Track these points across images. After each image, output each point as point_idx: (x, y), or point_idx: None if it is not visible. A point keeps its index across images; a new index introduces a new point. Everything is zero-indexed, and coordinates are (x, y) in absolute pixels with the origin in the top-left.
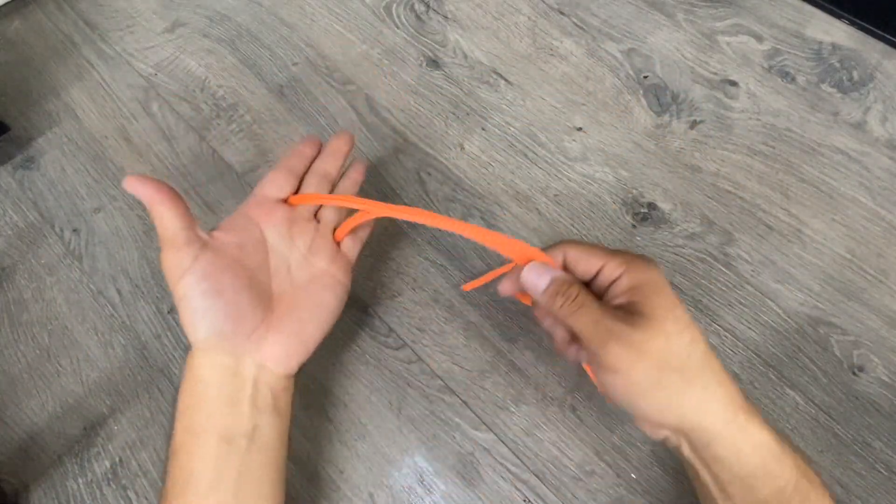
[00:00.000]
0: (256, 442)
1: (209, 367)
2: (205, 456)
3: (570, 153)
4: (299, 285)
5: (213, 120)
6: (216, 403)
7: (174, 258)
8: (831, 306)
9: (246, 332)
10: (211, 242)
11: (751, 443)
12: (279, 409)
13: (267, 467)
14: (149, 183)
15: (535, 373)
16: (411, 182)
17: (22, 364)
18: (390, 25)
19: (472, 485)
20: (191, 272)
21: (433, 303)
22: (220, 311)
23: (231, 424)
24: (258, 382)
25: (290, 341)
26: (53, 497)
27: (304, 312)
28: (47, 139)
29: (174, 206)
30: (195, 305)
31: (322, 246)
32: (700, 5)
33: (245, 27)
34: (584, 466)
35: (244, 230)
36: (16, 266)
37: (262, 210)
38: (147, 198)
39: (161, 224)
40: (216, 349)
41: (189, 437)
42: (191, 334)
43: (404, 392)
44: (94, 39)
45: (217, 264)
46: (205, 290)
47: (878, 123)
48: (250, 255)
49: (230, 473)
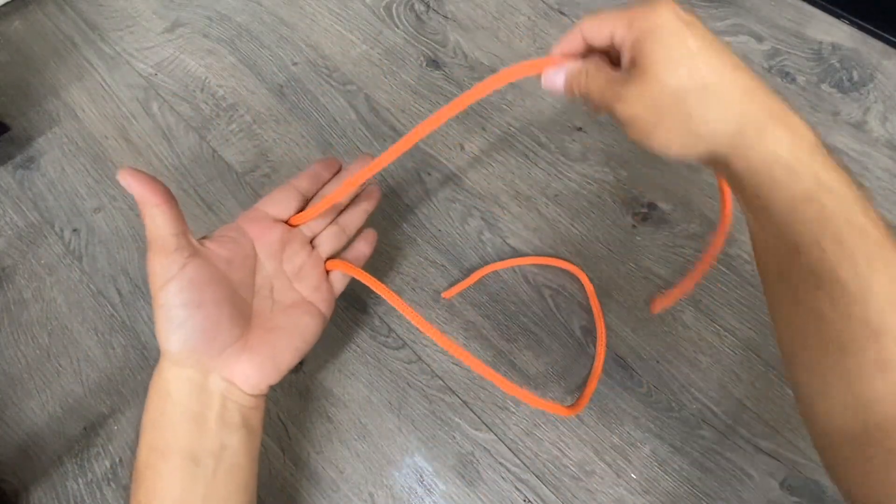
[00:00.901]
0: (224, 462)
1: (175, 380)
2: (171, 476)
3: (570, 153)
4: (280, 308)
5: (213, 120)
6: (182, 420)
7: (162, 262)
8: None
9: (219, 349)
10: (200, 251)
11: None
12: (249, 428)
13: (234, 488)
14: (144, 180)
15: (535, 373)
16: (411, 182)
17: (22, 364)
18: (390, 25)
19: (472, 485)
20: (176, 279)
21: (433, 303)
22: (198, 324)
23: (197, 442)
24: (226, 400)
25: (263, 363)
26: (53, 497)
27: (281, 335)
28: (47, 139)
29: (168, 209)
30: (173, 315)
31: (309, 273)
32: (700, 5)
33: (245, 27)
34: (584, 466)
35: (236, 244)
36: (16, 266)
37: (258, 226)
38: (140, 196)
39: (152, 226)
40: (185, 363)
41: (154, 455)
42: (163, 343)
43: (404, 392)
44: (94, 39)
45: (202, 276)
46: (185, 301)
47: (878, 123)
48: (237, 271)
49: (196, 494)
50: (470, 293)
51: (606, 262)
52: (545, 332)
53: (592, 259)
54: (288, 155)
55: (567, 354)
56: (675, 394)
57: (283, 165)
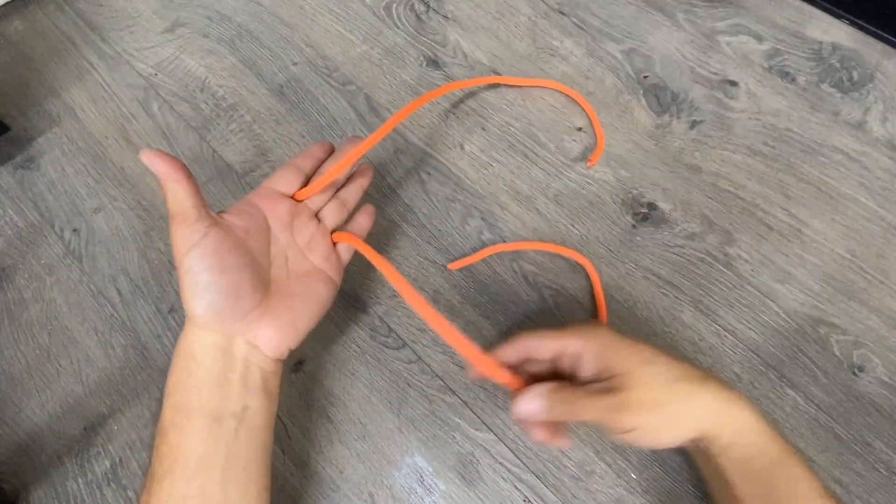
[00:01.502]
0: (245, 423)
1: (201, 343)
2: (194, 434)
3: (570, 153)
4: (295, 276)
5: (213, 120)
6: (207, 381)
7: (184, 232)
8: (831, 306)
9: (242, 312)
10: (220, 221)
11: (735, 427)
12: (268, 392)
13: (254, 450)
14: (164, 157)
15: None
16: (411, 182)
17: (22, 364)
18: (390, 25)
19: (472, 485)
20: (198, 246)
21: (433, 303)
22: (222, 288)
23: (221, 403)
24: (248, 363)
25: (283, 326)
26: (53, 497)
27: (299, 301)
28: (47, 139)
29: (188, 184)
30: (198, 280)
31: (319, 244)
32: (700, 5)
33: (245, 27)
34: (584, 466)
35: (250, 216)
36: (16, 266)
37: (267, 201)
38: (162, 173)
39: (174, 199)
40: (210, 327)
41: (179, 415)
42: (190, 308)
43: (404, 392)
44: (94, 39)
45: (224, 242)
46: (209, 266)
47: (878, 123)
48: (254, 240)
49: (218, 454)
50: (470, 293)
51: (606, 262)
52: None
53: (592, 259)
54: (288, 155)
55: None
56: None
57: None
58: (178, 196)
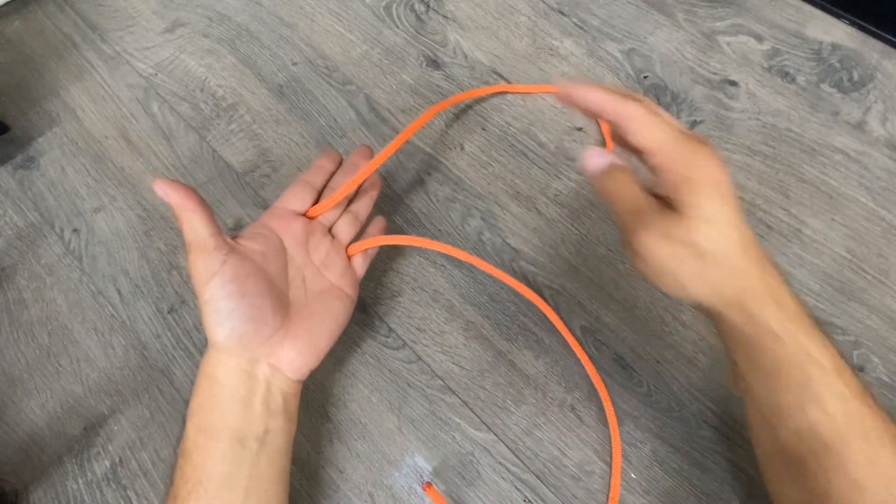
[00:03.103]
0: (267, 445)
1: (224, 367)
2: (218, 455)
3: (570, 153)
4: (313, 296)
5: (213, 120)
6: (230, 403)
7: (204, 261)
8: (831, 306)
9: (265, 337)
10: (237, 248)
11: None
12: (288, 414)
13: (275, 471)
14: (178, 188)
15: (535, 373)
16: (412, 182)
17: (22, 364)
18: (390, 25)
19: (472, 485)
20: (219, 275)
21: (433, 303)
22: (244, 313)
23: (243, 426)
24: (271, 386)
25: (304, 348)
26: (53, 497)
27: (318, 321)
28: (47, 139)
29: (203, 213)
30: (220, 307)
31: (335, 260)
32: (700, 5)
33: (245, 27)
34: (584, 466)
35: (266, 239)
36: (16, 266)
37: (281, 221)
38: (177, 204)
39: (190, 229)
40: (233, 351)
41: (202, 436)
42: (212, 335)
43: (404, 392)
44: (94, 39)
45: (243, 269)
46: (230, 293)
47: (878, 123)
48: (272, 263)
49: (241, 476)
50: (470, 293)
51: (606, 262)
52: (545, 332)
53: (592, 259)
54: (288, 155)
55: (567, 354)
56: (675, 394)
57: (283, 165)
58: (193, 225)
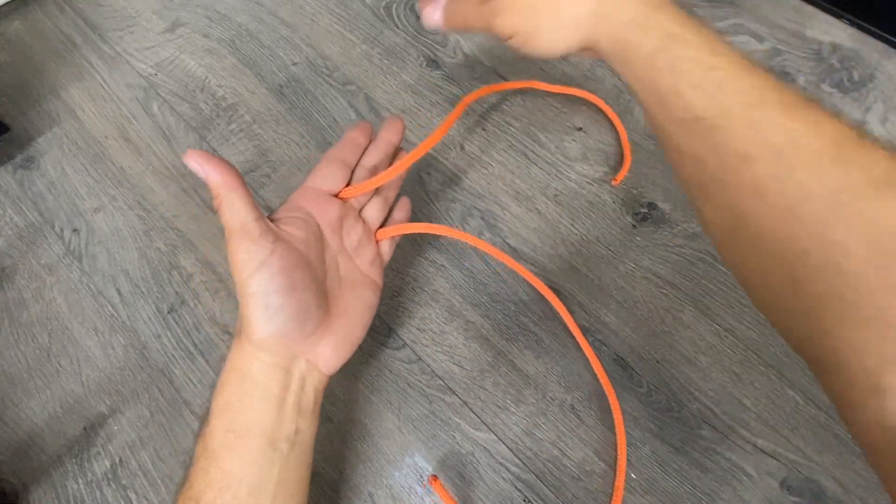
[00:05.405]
0: (296, 447)
1: (260, 363)
2: (248, 457)
3: (570, 153)
4: (346, 286)
5: (213, 120)
6: (262, 402)
7: (249, 250)
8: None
9: (307, 333)
10: (282, 235)
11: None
12: (316, 413)
13: (302, 472)
14: (219, 165)
15: (535, 373)
16: (411, 182)
17: (22, 364)
18: (390, 25)
19: (471, 485)
20: (267, 266)
21: (433, 303)
22: (293, 310)
23: (276, 426)
24: (304, 383)
25: (340, 343)
26: (53, 497)
27: (353, 313)
28: (47, 139)
29: (245, 193)
30: (268, 302)
31: (365, 247)
32: (700, 5)
33: (245, 27)
34: (584, 466)
35: (305, 224)
36: (16, 266)
37: (316, 203)
38: (216, 183)
39: (231, 213)
40: (273, 348)
41: (230, 435)
42: (253, 331)
43: (404, 392)
44: (94, 39)
45: (290, 259)
46: (280, 287)
47: (878, 123)
48: (312, 251)
49: (272, 479)
50: (470, 293)
51: (606, 262)
52: (545, 332)
53: (592, 259)
54: (288, 155)
55: (567, 354)
56: (675, 394)
57: (283, 165)
58: (236, 208)
